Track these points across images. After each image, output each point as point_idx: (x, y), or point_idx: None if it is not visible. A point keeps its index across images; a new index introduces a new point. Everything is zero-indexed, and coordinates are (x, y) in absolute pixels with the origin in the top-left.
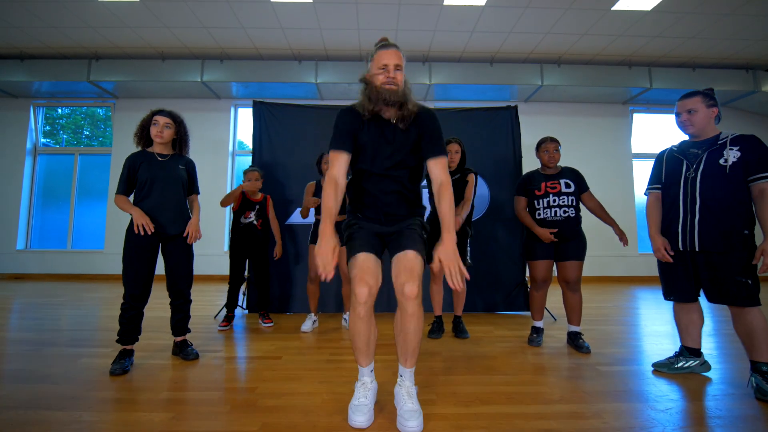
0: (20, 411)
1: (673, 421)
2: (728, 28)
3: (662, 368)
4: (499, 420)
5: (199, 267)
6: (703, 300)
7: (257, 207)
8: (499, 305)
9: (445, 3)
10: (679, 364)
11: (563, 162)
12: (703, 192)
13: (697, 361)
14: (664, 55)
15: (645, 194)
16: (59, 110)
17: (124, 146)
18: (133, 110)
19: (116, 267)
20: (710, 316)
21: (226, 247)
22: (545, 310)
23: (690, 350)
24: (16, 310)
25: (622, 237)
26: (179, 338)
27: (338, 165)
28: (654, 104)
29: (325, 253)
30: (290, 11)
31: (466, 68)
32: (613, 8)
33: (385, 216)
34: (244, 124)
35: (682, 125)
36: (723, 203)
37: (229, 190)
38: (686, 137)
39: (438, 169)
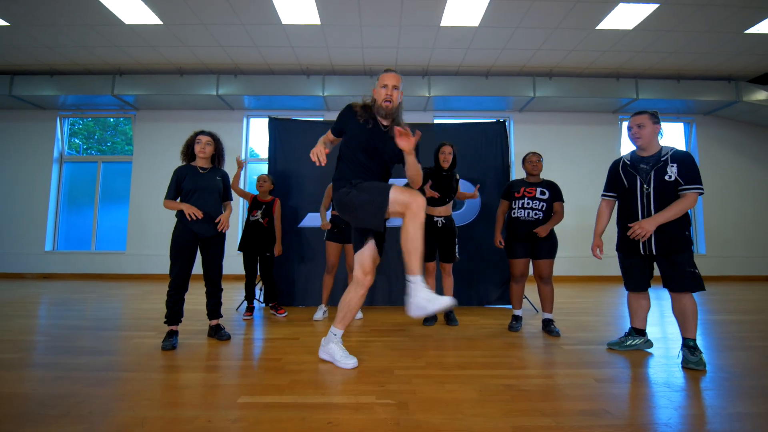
0: (101, 372)
1: (609, 379)
2: (709, 44)
3: (614, 346)
4: (472, 379)
5: None
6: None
7: (264, 207)
8: (487, 300)
9: (441, 24)
10: (628, 342)
11: (555, 167)
12: (657, 205)
13: (642, 339)
14: (650, 68)
15: (601, 197)
16: (81, 121)
17: (144, 154)
18: (153, 121)
19: (137, 267)
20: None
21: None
22: (530, 304)
23: (637, 330)
24: (58, 303)
25: (540, 232)
26: (214, 322)
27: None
28: None
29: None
30: (300, 32)
31: (463, 81)
32: (597, 27)
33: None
34: (255, 133)
35: (633, 137)
36: None
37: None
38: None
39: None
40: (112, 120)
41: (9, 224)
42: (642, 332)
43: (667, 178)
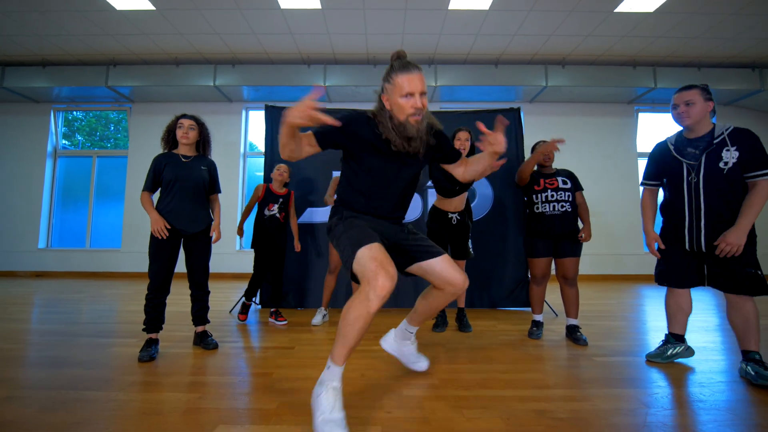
0: (62, 391)
1: (659, 404)
2: (733, 28)
3: (655, 358)
4: (496, 402)
5: (212, 265)
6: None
7: (281, 200)
8: (501, 301)
9: (449, 8)
10: (669, 352)
11: (568, 160)
12: (707, 197)
13: (683, 347)
14: (669, 54)
15: (641, 186)
16: (75, 113)
17: (141, 148)
18: (149, 114)
19: (133, 265)
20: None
21: (237, 246)
22: (548, 306)
23: (675, 336)
24: (44, 305)
25: (586, 236)
26: (200, 328)
27: (310, 141)
28: (659, 103)
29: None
30: (300, 17)
31: (471, 70)
32: (616, 10)
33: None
34: (254, 126)
35: (679, 117)
36: (726, 205)
37: (240, 191)
38: (680, 129)
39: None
40: (113, 115)
41: (2, 221)
42: (681, 338)
43: (722, 165)
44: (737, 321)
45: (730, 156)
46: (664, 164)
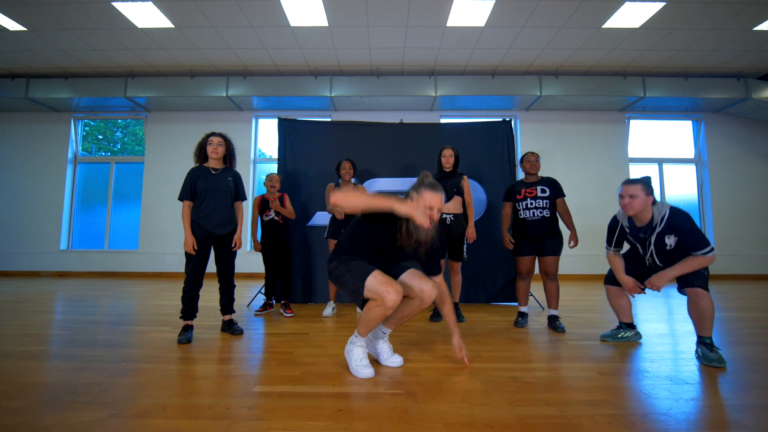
0: (123, 363)
1: (611, 372)
2: (716, 41)
3: (607, 338)
4: (478, 372)
5: None
6: None
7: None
8: (494, 297)
9: (448, 24)
10: (620, 335)
11: (562, 166)
12: (665, 264)
13: (633, 332)
14: (657, 65)
15: (606, 250)
16: (92, 122)
17: (156, 155)
18: (164, 122)
19: (150, 265)
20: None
21: (248, 248)
22: (536, 301)
23: (627, 324)
24: (76, 300)
25: (575, 241)
26: (227, 317)
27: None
28: (649, 111)
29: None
30: (308, 33)
31: (469, 80)
32: (604, 26)
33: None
34: (263, 134)
35: (624, 207)
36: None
37: (251, 196)
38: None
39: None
40: (120, 121)
41: (26, 224)
42: (632, 325)
43: (668, 248)
44: (695, 312)
45: (671, 241)
46: (621, 239)
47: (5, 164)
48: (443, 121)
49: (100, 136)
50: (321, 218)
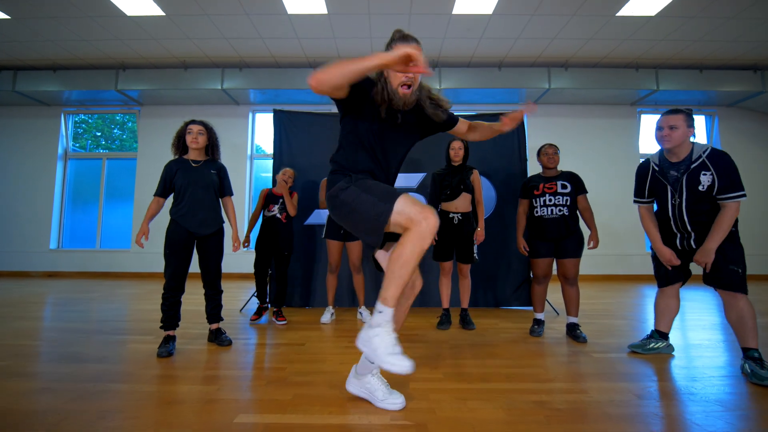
0: (90, 384)
1: (651, 396)
2: (734, 31)
3: (637, 348)
4: (497, 394)
5: None
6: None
7: (280, 200)
8: (505, 300)
9: (453, 12)
10: (650, 345)
11: (571, 161)
12: (691, 216)
13: (665, 343)
14: (671, 57)
15: (634, 203)
16: (81, 116)
17: (149, 150)
18: (157, 116)
19: (142, 265)
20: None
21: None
22: (550, 306)
23: (660, 333)
24: (60, 304)
25: (595, 243)
26: (214, 326)
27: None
28: (662, 105)
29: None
30: (306, 22)
31: (475, 73)
32: (618, 14)
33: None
34: (261, 128)
35: (661, 139)
36: (709, 218)
37: (247, 193)
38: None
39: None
40: (118, 117)
41: (15, 222)
42: (665, 336)
43: (700, 188)
44: (733, 319)
45: (706, 179)
46: (650, 184)
47: None
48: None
49: (98, 133)
50: (319, 217)
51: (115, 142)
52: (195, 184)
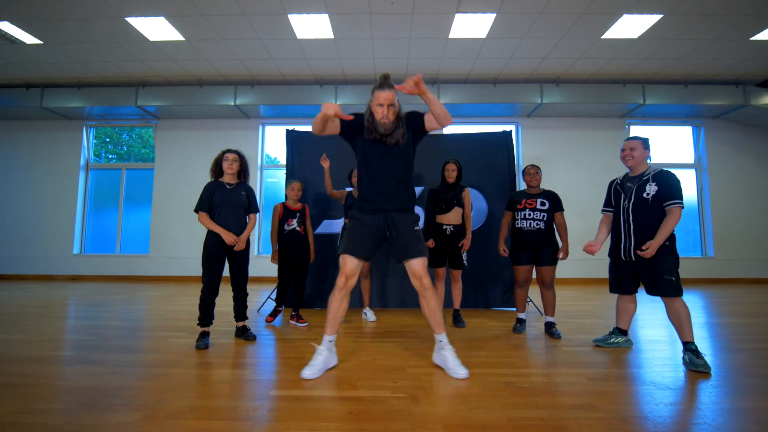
0: (149, 368)
1: (601, 378)
2: (715, 50)
3: (600, 343)
4: (476, 377)
5: None
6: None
7: (298, 215)
8: (494, 302)
9: (450, 36)
10: (611, 340)
11: (563, 171)
12: (635, 217)
13: (624, 338)
14: (657, 73)
15: (601, 213)
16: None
17: (166, 161)
18: (174, 129)
19: (160, 269)
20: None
21: (256, 252)
22: (535, 307)
23: (620, 330)
24: (92, 304)
25: (564, 255)
26: (240, 323)
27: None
28: (650, 117)
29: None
30: (314, 45)
31: (471, 89)
32: (603, 37)
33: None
34: (270, 140)
35: (624, 158)
36: (647, 225)
37: (258, 201)
38: (626, 170)
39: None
40: (137, 130)
41: (39, 228)
42: (624, 332)
43: (644, 195)
44: (672, 318)
45: (651, 189)
46: (613, 193)
47: (20, 170)
48: (445, 132)
49: (107, 139)
50: (328, 227)
51: (123, 147)
52: (229, 204)
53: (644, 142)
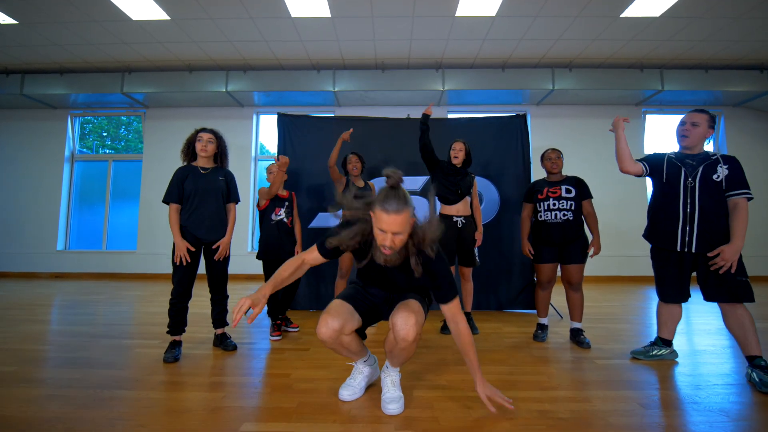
0: (97, 390)
1: (655, 405)
2: (739, 31)
3: (639, 355)
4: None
5: None
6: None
7: (286, 203)
8: (508, 304)
9: (456, 14)
10: (653, 352)
11: (576, 162)
12: (702, 201)
13: (668, 350)
14: (676, 57)
15: (637, 160)
16: (95, 120)
17: (155, 152)
18: (162, 119)
19: (148, 266)
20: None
21: (249, 248)
22: (554, 309)
23: (663, 341)
24: (66, 306)
25: (596, 249)
26: (219, 330)
27: (314, 256)
28: (667, 105)
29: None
30: (309, 25)
31: (478, 74)
32: (622, 15)
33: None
34: (265, 130)
35: (681, 133)
36: (717, 212)
37: (252, 194)
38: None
39: (451, 312)
40: (124, 118)
41: (22, 223)
42: (669, 342)
43: (715, 177)
44: (735, 327)
45: (722, 171)
46: (665, 164)
47: (1, 163)
48: (451, 116)
49: (105, 134)
50: (323, 220)
51: (120, 142)
52: (204, 192)
53: (711, 120)
